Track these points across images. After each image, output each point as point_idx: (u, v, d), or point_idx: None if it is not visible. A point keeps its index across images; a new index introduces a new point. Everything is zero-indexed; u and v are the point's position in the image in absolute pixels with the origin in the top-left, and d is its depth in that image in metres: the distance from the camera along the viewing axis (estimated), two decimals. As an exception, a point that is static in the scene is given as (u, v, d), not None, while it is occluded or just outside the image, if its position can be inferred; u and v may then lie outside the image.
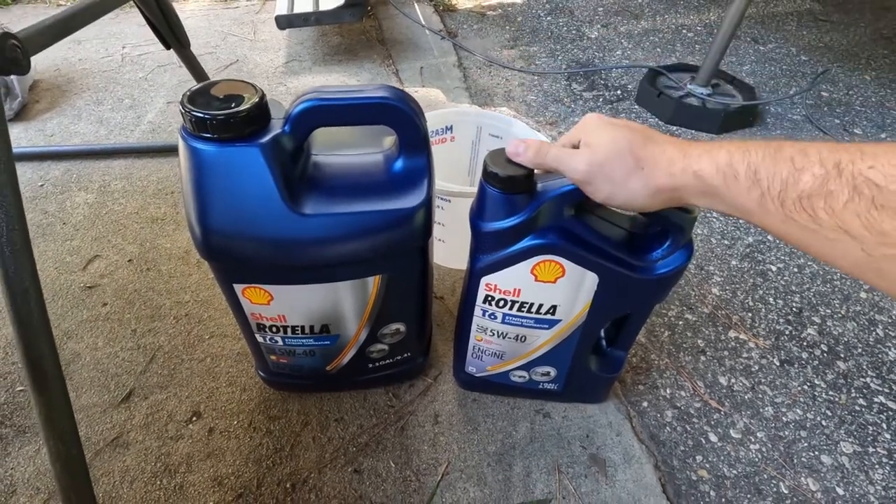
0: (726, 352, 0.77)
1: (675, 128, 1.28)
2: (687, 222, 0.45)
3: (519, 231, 0.46)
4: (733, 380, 0.73)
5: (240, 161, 0.41)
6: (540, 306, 0.52)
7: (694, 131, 1.26)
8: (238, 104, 0.40)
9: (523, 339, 0.57)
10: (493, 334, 0.57)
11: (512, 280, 0.50)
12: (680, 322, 0.81)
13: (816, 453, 0.65)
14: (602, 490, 0.59)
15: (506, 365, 0.61)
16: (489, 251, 0.49)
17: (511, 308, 0.53)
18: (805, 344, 0.78)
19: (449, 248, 0.81)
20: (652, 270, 0.48)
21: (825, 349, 0.78)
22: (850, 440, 0.67)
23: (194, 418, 0.64)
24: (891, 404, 0.71)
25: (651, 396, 0.70)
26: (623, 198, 0.40)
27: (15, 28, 0.48)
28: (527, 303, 0.52)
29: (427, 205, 0.47)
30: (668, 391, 0.71)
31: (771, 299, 0.85)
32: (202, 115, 0.39)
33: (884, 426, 0.68)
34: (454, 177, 0.88)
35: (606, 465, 0.61)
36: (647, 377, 0.73)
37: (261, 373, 0.65)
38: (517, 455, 0.62)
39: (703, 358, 0.76)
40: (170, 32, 0.88)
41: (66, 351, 0.71)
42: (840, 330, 0.81)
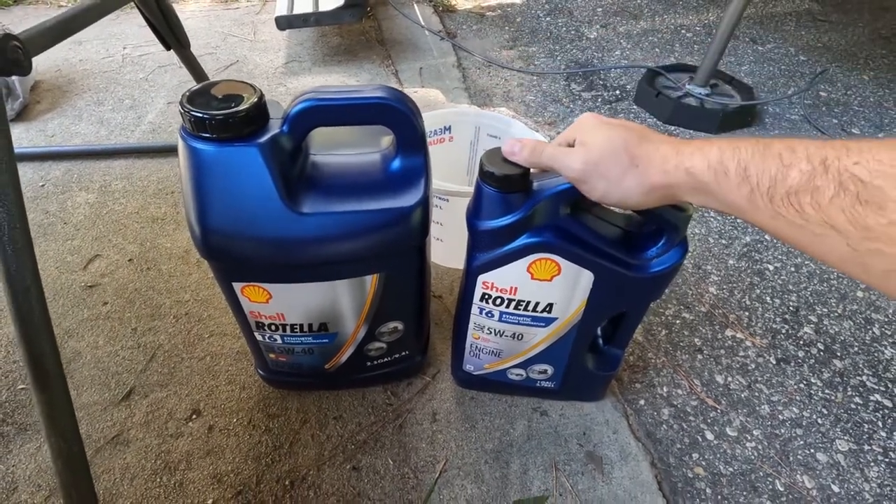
0: (723, 350, 0.77)
1: (674, 128, 1.28)
2: (681, 221, 0.46)
3: (515, 229, 0.47)
4: (730, 378, 0.73)
5: (239, 161, 0.41)
6: (536, 304, 0.53)
7: (692, 131, 1.27)
8: (237, 104, 0.40)
9: (520, 337, 0.57)
10: (491, 332, 0.58)
11: (508, 278, 0.51)
12: (677, 321, 0.81)
13: (812, 451, 0.66)
14: (598, 487, 0.59)
15: (503, 363, 0.62)
16: (486, 250, 0.49)
17: (508, 306, 0.54)
18: (802, 342, 0.79)
19: (447, 248, 0.81)
20: (647, 268, 0.49)
21: (821, 348, 0.78)
22: (846, 438, 0.67)
23: (194, 416, 0.65)
24: (886, 402, 0.71)
25: (648, 394, 0.71)
26: (618, 196, 0.40)
27: (16, 29, 0.48)
28: (523, 301, 0.53)
29: (424, 204, 0.47)
30: (665, 389, 0.72)
31: (768, 298, 0.85)
32: (201, 115, 0.39)
33: (879, 424, 0.68)
34: (452, 177, 0.89)
35: (603, 463, 0.62)
36: (644, 375, 0.73)
37: (260, 371, 0.65)
38: (514, 452, 0.62)
39: (700, 356, 0.76)
40: (170, 33, 0.88)
41: (67, 349, 0.72)
42: (836, 329, 0.81)
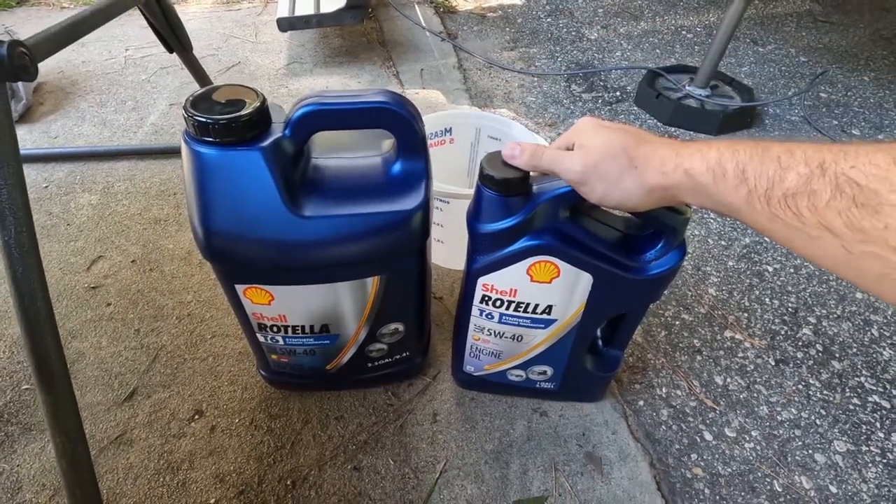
0: (722, 351, 0.77)
1: (674, 129, 1.29)
2: (679, 224, 0.46)
3: (515, 232, 0.47)
4: (729, 379, 0.74)
5: (241, 164, 0.42)
6: (536, 306, 0.53)
7: (692, 132, 1.27)
8: (240, 109, 0.41)
9: (520, 339, 0.58)
10: (491, 334, 0.58)
11: (508, 280, 0.51)
12: (676, 322, 0.81)
13: (810, 452, 0.66)
14: (598, 487, 0.60)
15: (503, 364, 0.62)
16: (486, 252, 0.50)
17: (508, 308, 0.54)
18: (800, 344, 0.79)
19: (448, 249, 0.82)
20: (645, 271, 0.49)
21: (820, 349, 0.78)
22: (844, 439, 0.67)
23: (196, 416, 0.65)
24: (884, 403, 0.71)
25: (647, 395, 0.71)
26: (617, 197, 0.41)
27: (20, 31, 0.49)
28: (523, 303, 0.53)
29: (424, 207, 0.48)
30: (664, 390, 0.72)
31: (767, 300, 0.86)
32: (205, 120, 0.40)
33: (877, 425, 0.69)
34: (453, 179, 0.89)
35: (602, 463, 0.62)
36: (644, 376, 0.73)
37: (262, 372, 0.66)
38: (514, 453, 0.63)
39: (699, 357, 0.76)
40: (172, 35, 0.89)
41: (71, 350, 0.72)
42: (835, 330, 0.81)
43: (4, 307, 0.78)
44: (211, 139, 0.41)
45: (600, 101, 1.40)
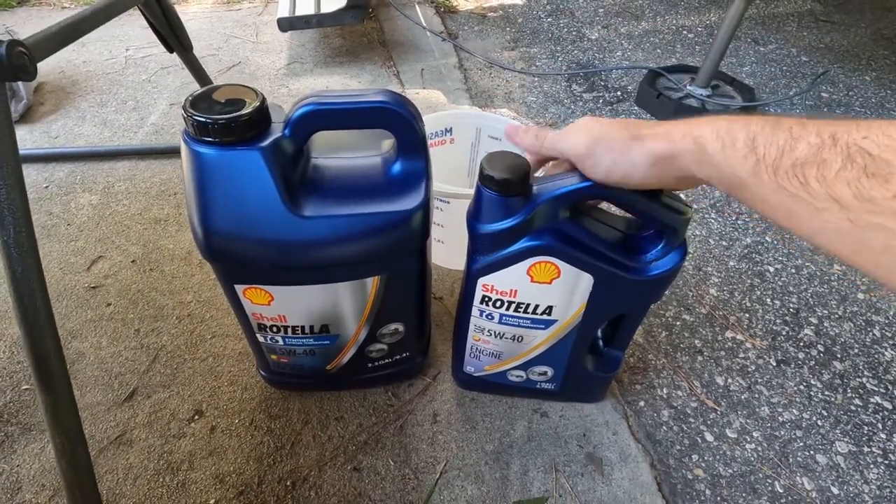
0: (723, 352, 0.77)
1: (675, 129, 1.28)
2: (680, 224, 0.46)
3: (515, 233, 0.47)
4: (730, 380, 0.73)
5: (241, 164, 0.42)
6: (536, 307, 0.53)
7: (693, 132, 1.27)
8: (239, 109, 0.41)
9: (520, 339, 0.58)
10: (491, 334, 0.58)
11: (508, 281, 0.51)
12: (677, 322, 0.81)
13: (812, 453, 0.66)
14: (598, 488, 0.60)
15: (503, 364, 0.62)
16: (486, 252, 0.50)
17: (508, 308, 0.54)
18: (802, 344, 0.79)
19: (448, 249, 0.82)
20: (646, 271, 0.49)
21: (822, 349, 0.78)
22: (846, 440, 0.67)
23: (196, 417, 0.65)
24: (886, 404, 0.71)
25: (648, 396, 0.71)
26: (623, 170, 0.40)
27: (21, 31, 0.49)
28: (523, 303, 0.53)
29: (425, 207, 0.48)
30: (665, 391, 0.72)
31: (768, 300, 0.86)
32: (204, 120, 0.40)
33: (879, 426, 0.69)
34: (453, 178, 0.89)
35: (603, 464, 0.62)
36: (645, 377, 0.73)
37: (262, 372, 0.65)
38: (515, 454, 0.63)
39: (701, 358, 0.76)
40: (172, 35, 0.89)
41: (71, 350, 0.72)
42: (837, 330, 0.81)
43: (4, 307, 0.78)
44: (210, 139, 0.41)
45: (601, 101, 1.39)
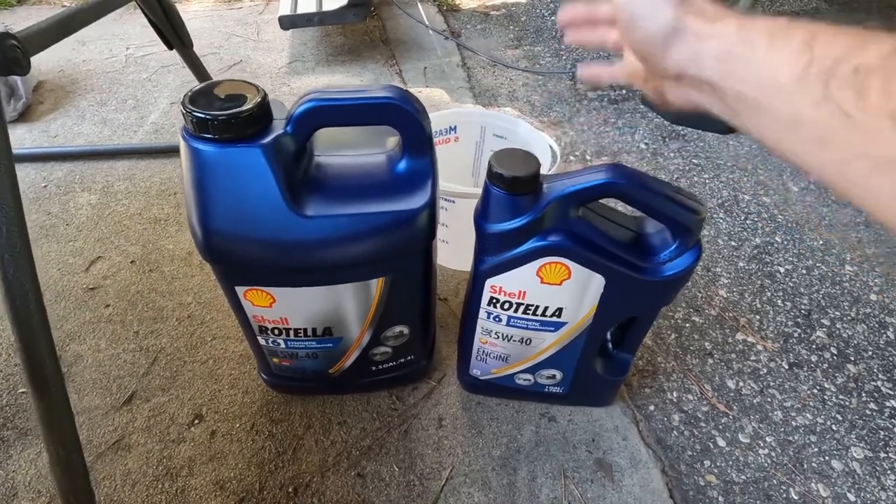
0: (734, 354, 0.76)
1: (681, 128, 1.27)
2: (695, 224, 0.45)
3: (524, 232, 0.46)
4: (741, 383, 0.72)
5: (241, 162, 0.40)
6: (545, 309, 0.52)
7: (700, 132, 1.25)
8: (240, 105, 0.39)
9: (528, 342, 0.56)
10: (498, 337, 0.57)
11: (517, 282, 0.50)
12: (687, 324, 0.80)
13: (827, 458, 0.64)
14: (608, 495, 0.58)
15: (511, 368, 0.61)
16: (494, 253, 0.48)
17: (516, 310, 0.53)
18: (814, 347, 0.77)
19: (453, 250, 0.80)
20: (659, 272, 0.48)
21: (835, 352, 0.77)
22: (862, 445, 0.65)
23: (196, 421, 0.64)
24: (902, 408, 0.69)
25: (658, 400, 0.69)
26: (644, 32, 0.31)
27: (18, 28, 0.47)
28: (532, 305, 0.52)
29: (431, 206, 0.46)
30: (675, 394, 0.70)
31: (779, 301, 0.84)
32: (203, 116, 0.38)
33: (895, 431, 0.67)
34: (458, 177, 0.87)
35: (613, 470, 0.60)
36: (654, 380, 0.72)
37: (263, 375, 0.64)
38: (522, 459, 0.61)
39: (711, 361, 0.75)
40: (172, 33, 0.88)
41: (69, 353, 0.71)
42: (850, 332, 0.79)
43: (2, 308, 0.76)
44: (210, 136, 0.39)
45: (606, 100, 1.38)
